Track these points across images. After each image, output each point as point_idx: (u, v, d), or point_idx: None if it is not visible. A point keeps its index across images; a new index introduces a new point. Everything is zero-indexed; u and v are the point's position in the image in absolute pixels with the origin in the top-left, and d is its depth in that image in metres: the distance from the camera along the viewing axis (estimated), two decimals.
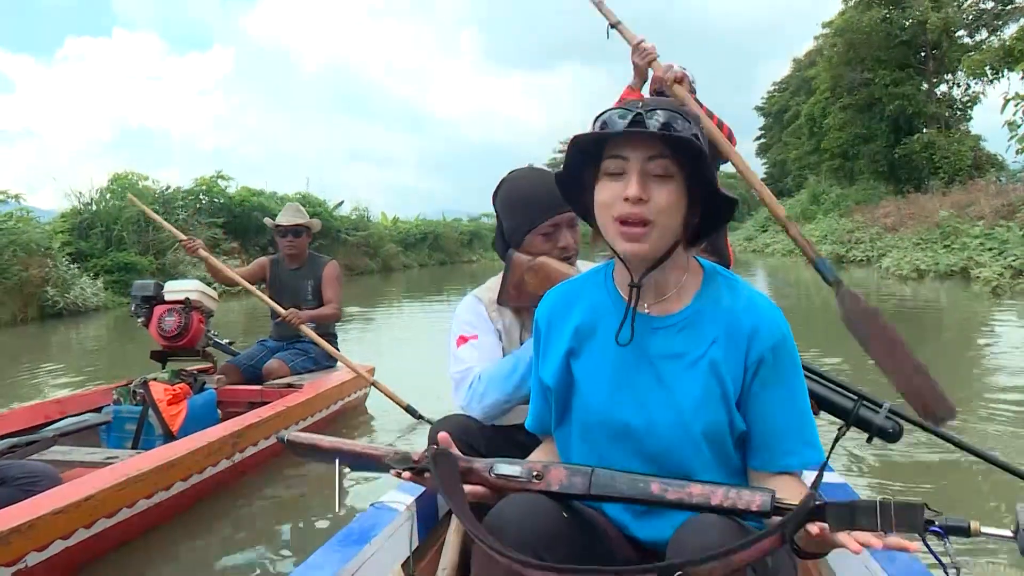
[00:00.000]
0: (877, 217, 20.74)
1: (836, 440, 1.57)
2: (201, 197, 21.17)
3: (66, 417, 3.81)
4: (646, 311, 1.25)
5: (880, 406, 1.75)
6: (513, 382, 1.76)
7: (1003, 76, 18.41)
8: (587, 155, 1.21)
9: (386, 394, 4.43)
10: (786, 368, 1.22)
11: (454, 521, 1.83)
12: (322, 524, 3.13)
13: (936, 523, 0.99)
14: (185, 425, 3.58)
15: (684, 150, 1.14)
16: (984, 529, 1.01)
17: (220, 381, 4.29)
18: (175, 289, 4.33)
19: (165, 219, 19.96)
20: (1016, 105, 14.55)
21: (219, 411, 3.96)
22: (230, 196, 21.54)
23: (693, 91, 2.78)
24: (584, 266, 1.83)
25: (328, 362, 4.74)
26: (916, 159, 23.97)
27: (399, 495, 1.84)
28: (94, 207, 17.49)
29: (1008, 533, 1.03)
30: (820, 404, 1.76)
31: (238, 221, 20.99)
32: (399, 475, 1.27)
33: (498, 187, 1.96)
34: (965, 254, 13.61)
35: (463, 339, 1.90)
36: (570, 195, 1.30)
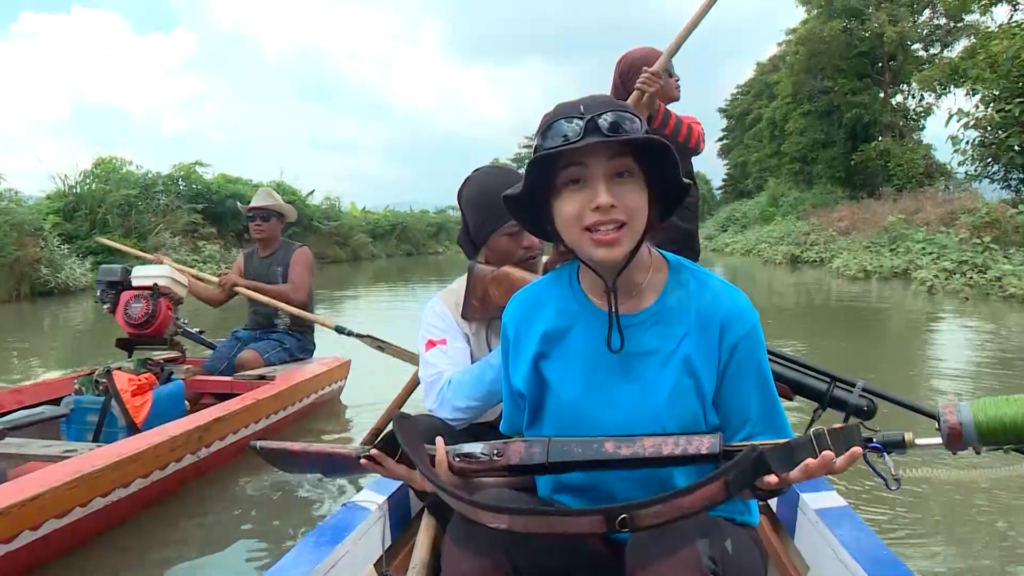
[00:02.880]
0: (832, 220, 21.11)
1: (811, 423, 1.62)
2: (180, 183, 20.94)
3: (23, 408, 3.46)
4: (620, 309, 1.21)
5: (853, 385, 1.73)
6: (483, 388, 1.72)
7: (950, 92, 18.83)
8: (539, 170, 1.14)
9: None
10: (756, 357, 1.19)
11: (425, 519, 1.81)
12: (293, 524, 2.89)
13: (874, 440, 1.04)
14: (150, 417, 3.31)
15: (646, 148, 1.10)
16: (918, 441, 1.06)
17: (188, 371, 4.07)
18: (143, 275, 4.06)
19: (147, 202, 19.52)
20: (959, 121, 14.91)
21: (187, 403, 3.69)
22: (207, 183, 21.36)
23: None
24: None
25: (303, 354, 4.52)
26: (871, 166, 24.42)
27: (371, 494, 1.80)
28: (78, 190, 17.26)
29: (938, 441, 1.08)
30: (794, 389, 1.75)
31: (215, 207, 20.77)
32: (358, 462, 1.24)
33: (463, 185, 1.91)
34: (907, 257, 14.18)
35: (431, 343, 1.85)
36: (521, 216, 1.24)
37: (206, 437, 3.18)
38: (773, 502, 1.91)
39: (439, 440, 1.23)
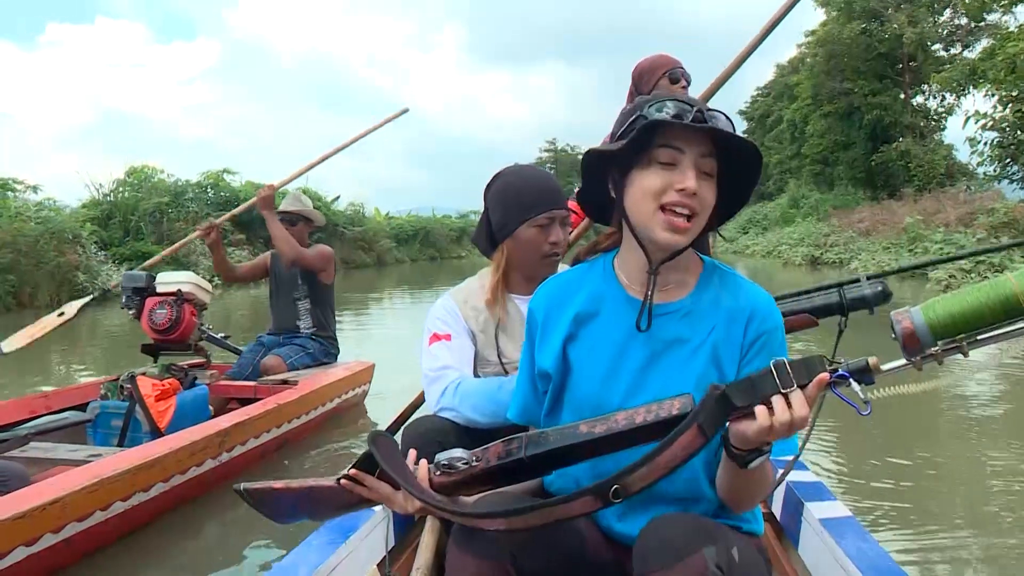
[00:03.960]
0: (852, 222, 20.89)
1: (838, 338, 1.66)
2: (209, 190, 21.27)
3: (51, 413, 3.53)
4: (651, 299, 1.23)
5: (858, 281, 1.76)
6: (490, 407, 1.68)
7: (968, 93, 18.57)
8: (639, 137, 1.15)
9: None
10: (778, 353, 1.19)
11: (429, 522, 1.78)
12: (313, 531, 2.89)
13: (840, 369, 1.01)
14: (174, 422, 3.32)
15: (736, 153, 1.15)
16: (883, 367, 1.04)
17: (213, 377, 4.02)
18: (167, 281, 4.05)
19: (177, 209, 19.96)
20: (976, 122, 14.73)
21: (212, 408, 3.68)
22: (235, 190, 21.64)
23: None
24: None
25: (327, 359, 4.49)
26: (892, 167, 24.12)
27: None
28: (112, 198, 17.65)
29: (903, 362, 1.09)
30: (816, 314, 1.79)
31: (244, 214, 21.01)
32: (339, 485, 1.21)
33: (492, 179, 1.90)
34: (925, 257, 13.98)
35: (436, 337, 1.83)
36: (589, 198, 1.29)
37: (227, 442, 3.17)
38: (777, 511, 1.89)
39: (421, 461, 1.19)
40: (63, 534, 2.30)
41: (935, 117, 25.70)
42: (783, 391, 0.97)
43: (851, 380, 1.01)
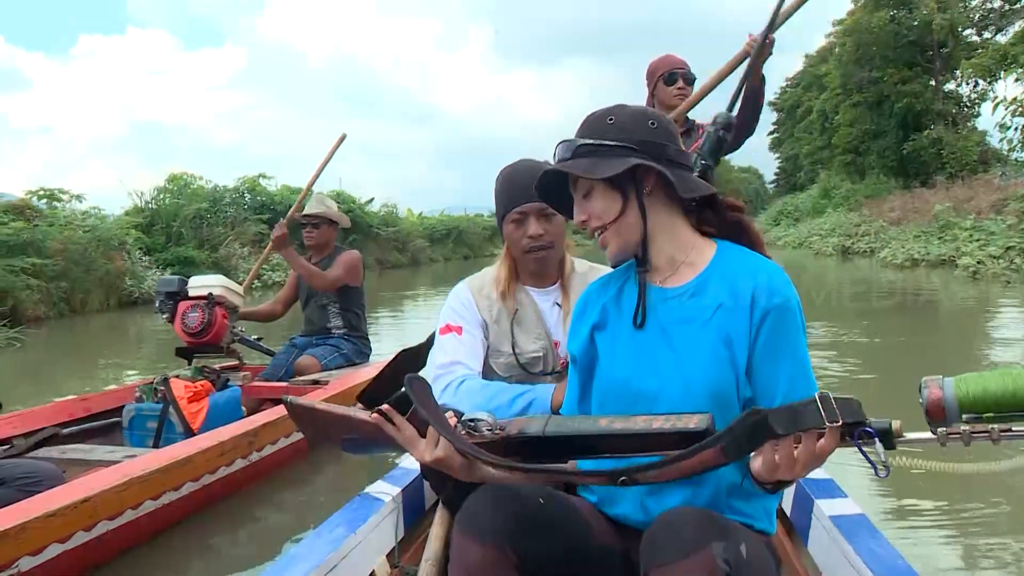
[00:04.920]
0: (884, 211, 20.58)
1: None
2: (245, 195, 21.63)
3: (88, 416, 3.60)
4: (660, 284, 1.28)
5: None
6: (490, 409, 1.66)
7: (999, 79, 18.06)
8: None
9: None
10: (787, 332, 1.19)
11: (439, 512, 1.75)
12: None
13: (867, 423, 0.96)
14: (207, 422, 3.33)
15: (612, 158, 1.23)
16: (907, 434, 0.99)
17: (245, 378, 4.02)
18: (199, 284, 4.06)
19: (216, 215, 20.20)
20: (1007, 108, 14.35)
21: (244, 409, 3.67)
22: (271, 194, 21.93)
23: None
24: (581, 264, 1.91)
25: (359, 359, 4.41)
26: (924, 155, 23.61)
27: (385, 486, 1.77)
28: (154, 205, 18.07)
29: (929, 435, 0.99)
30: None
31: (279, 217, 21.26)
32: (371, 416, 1.20)
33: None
34: (954, 245, 13.87)
35: (448, 328, 1.80)
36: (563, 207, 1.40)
37: (256, 441, 3.18)
38: (788, 508, 1.87)
39: (448, 412, 1.20)
40: (95, 532, 2.34)
41: (967, 104, 25.10)
42: (828, 426, 0.93)
43: (876, 439, 0.96)
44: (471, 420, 1.15)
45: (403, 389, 1.16)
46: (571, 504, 1.24)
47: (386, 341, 4.78)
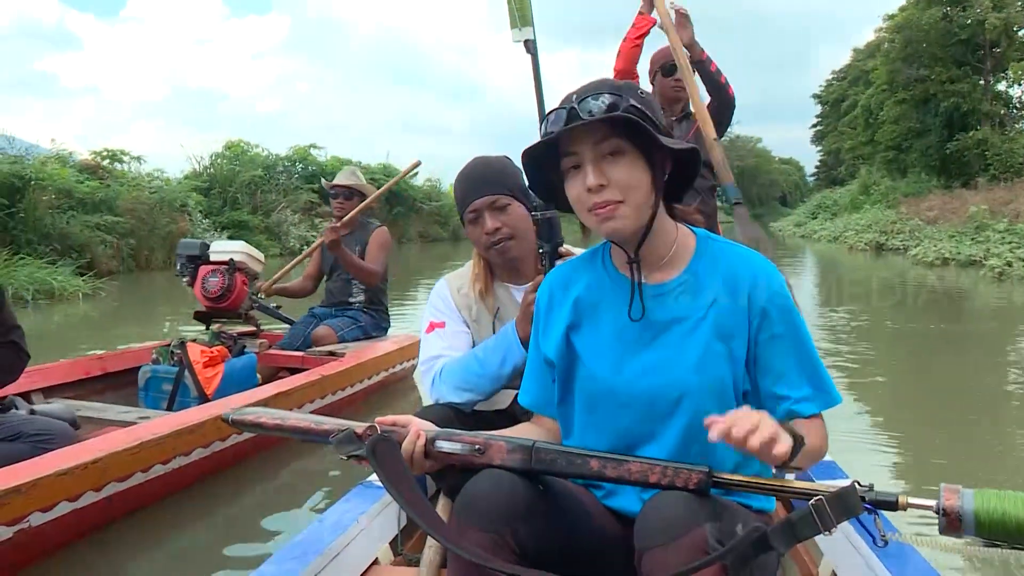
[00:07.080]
0: (921, 210, 20.15)
1: None
2: (297, 164, 22.04)
3: (104, 374, 3.58)
4: (647, 278, 1.20)
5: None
6: (470, 379, 1.66)
7: None
8: (548, 160, 1.18)
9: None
10: (788, 319, 1.16)
11: (442, 500, 1.73)
12: None
13: (867, 500, 0.94)
14: (221, 388, 3.28)
15: (625, 124, 1.09)
16: (911, 500, 0.95)
17: (262, 346, 4.01)
18: (220, 250, 4.02)
19: (268, 181, 20.58)
20: None
21: (259, 377, 3.62)
22: (321, 164, 22.32)
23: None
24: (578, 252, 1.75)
25: (377, 332, 4.39)
26: (968, 155, 23.00)
27: None
28: (212, 170, 18.57)
29: (931, 503, 0.94)
30: None
31: (326, 188, 21.65)
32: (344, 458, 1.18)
33: None
34: (985, 246, 13.79)
35: (432, 325, 1.79)
36: (549, 197, 1.28)
37: None
38: None
39: (420, 438, 1.17)
40: (104, 492, 2.33)
41: (1017, 105, 24.29)
42: (825, 533, 0.94)
43: (876, 513, 0.95)
44: (445, 449, 1.15)
45: (372, 439, 1.15)
46: (571, 492, 1.21)
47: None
